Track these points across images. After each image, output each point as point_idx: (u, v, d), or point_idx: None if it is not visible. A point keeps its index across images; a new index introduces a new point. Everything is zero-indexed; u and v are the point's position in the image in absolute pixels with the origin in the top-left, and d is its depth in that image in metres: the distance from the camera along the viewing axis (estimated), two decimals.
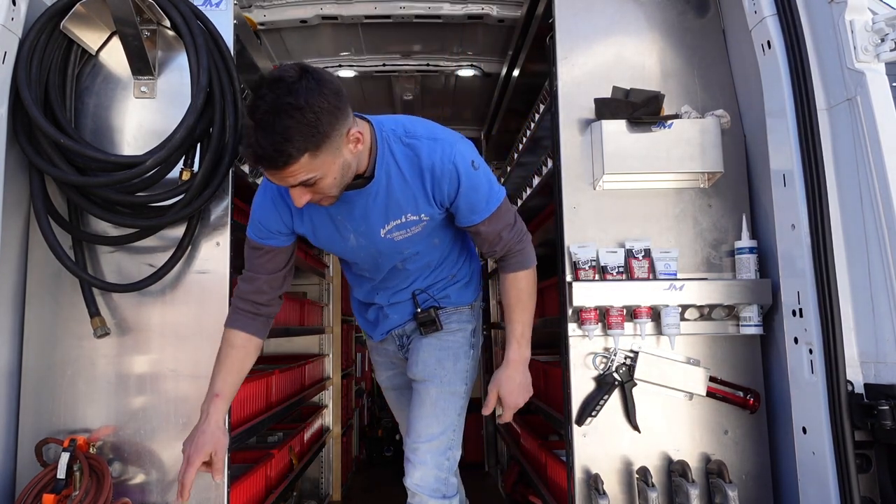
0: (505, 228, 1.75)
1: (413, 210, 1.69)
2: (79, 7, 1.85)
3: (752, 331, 2.07)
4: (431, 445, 1.81)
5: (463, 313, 1.95)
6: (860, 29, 1.82)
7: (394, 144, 1.64)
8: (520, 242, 1.79)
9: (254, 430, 2.28)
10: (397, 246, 1.77)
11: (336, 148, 1.48)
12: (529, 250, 1.82)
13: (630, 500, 2.06)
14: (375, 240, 1.74)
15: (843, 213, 1.84)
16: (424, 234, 1.77)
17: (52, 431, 1.91)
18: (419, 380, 1.88)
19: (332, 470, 4.01)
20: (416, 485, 1.78)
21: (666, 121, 2.12)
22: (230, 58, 1.98)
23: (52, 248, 1.84)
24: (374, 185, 1.64)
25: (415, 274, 1.89)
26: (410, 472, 1.80)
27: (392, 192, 1.66)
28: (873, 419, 1.68)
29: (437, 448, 1.81)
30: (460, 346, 1.92)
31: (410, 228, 1.73)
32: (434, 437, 1.82)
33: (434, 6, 3.13)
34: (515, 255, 1.79)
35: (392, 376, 2.12)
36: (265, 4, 3.15)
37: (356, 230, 1.73)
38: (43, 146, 1.80)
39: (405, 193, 1.67)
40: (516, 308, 1.85)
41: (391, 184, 1.65)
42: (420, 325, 1.89)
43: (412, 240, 1.76)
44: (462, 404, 1.91)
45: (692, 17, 2.30)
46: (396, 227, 1.72)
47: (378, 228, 1.72)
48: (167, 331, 1.97)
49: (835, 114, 1.87)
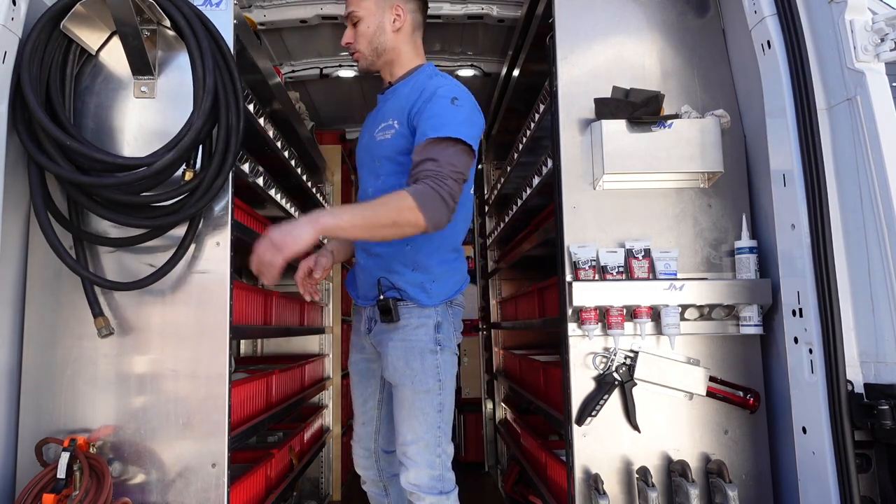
0: (433, 161, 1.70)
1: (395, 115, 1.90)
2: (79, 7, 1.84)
3: (752, 331, 2.08)
4: (419, 446, 1.85)
5: (423, 311, 1.91)
6: (860, 29, 1.82)
7: (422, 75, 1.96)
8: (434, 180, 1.67)
9: (254, 430, 2.28)
10: (377, 147, 1.94)
11: (381, 7, 1.92)
12: (433, 196, 1.66)
13: (630, 499, 2.06)
14: (372, 138, 1.98)
15: (843, 212, 1.84)
16: (390, 150, 1.89)
17: (52, 431, 1.91)
18: (394, 384, 1.92)
19: (332, 470, 4.01)
20: (412, 484, 1.86)
21: (666, 121, 2.12)
22: (231, 58, 1.98)
23: (53, 245, 1.84)
24: (391, 91, 1.99)
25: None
26: (404, 473, 1.87)
27: (395, 97, 1.95)
28: (873, 419, 1.69)
29: (424, 447, 1.85)
30: (425, 344, 1.89)
31: (386, 132, 1.92)
32: (419, 437, 1.85)
33: (434, 6, 3.13)
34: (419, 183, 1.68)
35: (358, 360, 2.11)
36: (265, 4, 3.15)
37: (368, 127, 2.05)
38: (45, 145, 1.80)
39: (397, 104, 1.92)
40: (368, 204, 1.78)
41: (395, 95, 1.96)
42: (380, 312, 1.91)
43: (381, 145, 1.93)
44: (439, 401, 1.89)
45: (692, 17, 2.30)
46: (382, 129, 1.94)
47: (375, 128, 1.97)
48: (167, 330, 1.96)
49: (835, 114, 1.87)
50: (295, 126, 3.08)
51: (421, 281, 1.91)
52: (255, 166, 2.47)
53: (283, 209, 2.91)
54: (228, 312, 1.97)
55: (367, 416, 2.11)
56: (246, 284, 2.51)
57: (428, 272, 1.92)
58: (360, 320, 2.08)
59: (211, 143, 1.95)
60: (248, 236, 2.28)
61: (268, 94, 2.71)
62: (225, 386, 1.95)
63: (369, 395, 2.11)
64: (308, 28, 3.35)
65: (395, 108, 1.91)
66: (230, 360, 1.98)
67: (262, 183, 2.57)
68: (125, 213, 1.90)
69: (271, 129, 2.72)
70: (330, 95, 4.37)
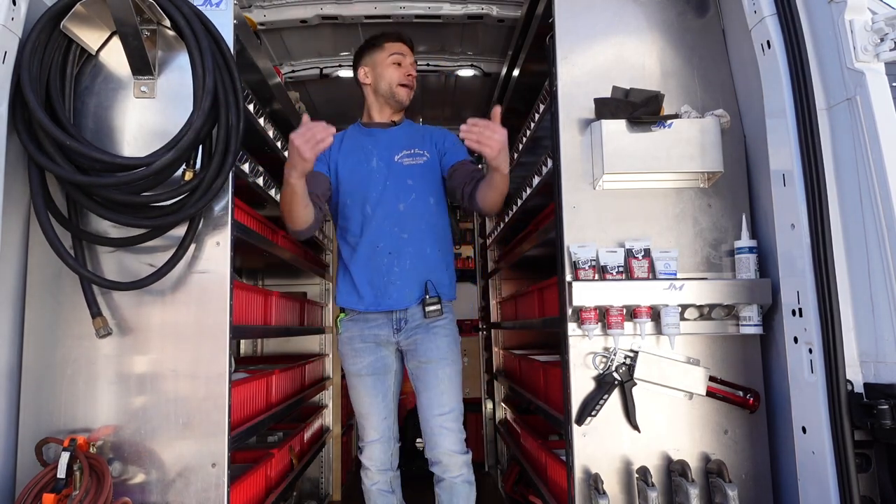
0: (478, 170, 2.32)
1: (419, 146, 2.37)
2: (79, 7, 1.85)
3: (752, 330, 2.08)
4: (454, 415, 2.24)
5: (451, 308, 2.35)
6: (860, 29, 1.82)
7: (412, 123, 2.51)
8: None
9: (254, 429, 2.28)
10: (405, 171, 2.33)
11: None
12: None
13: (630, 499, 2.06)
14: (390, 162, 2.33)
15: (842, 212, 1.84)
16: (422, 172, 2.33)
17: (52, 431, 1.91)
18: (435, 360, 2.25)
19: (332, 470, 4.01)
20: (451, 449, 2.21)
21: (666, 120, 2.12)
22: (231, 59, 1.98)
23: (53, 244, 1.84)
24: (399, 128, 2.44)
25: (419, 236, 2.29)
26: (441, 440, 2.21)
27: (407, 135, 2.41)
28: (873, 419, 1.68)
29: (457, 417, 2.25)
30: (456, 334, 2.35)
31: (416, 158, 2.35)
32: (454, 408, 2.25)
33: (434, 6, 3.13)
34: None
35: (373, 361, 2.30)
36: (265, 4, 3.15)
37: (379, 154, 2.35)
38: (45, 145, 1.81)
39: (415, 137, 2.41)
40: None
41: (407, 131, 2.43)
42: (426, 307, 2.23)
43: (413, 170, 2.33)
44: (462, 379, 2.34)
45: (692, 17, 2.30)
46: (407, 155, 2.34)
47: (394, 154, 2.34)
48: (167, 330, 1.97)
49: (834, 113, 1.87)
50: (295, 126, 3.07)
51: (451, 280, 2.35)
52: (255, 166, 2.47)
53: None
54: (228, 312, 1.97)
55: (388, 409, 2.33)
56: (246, 284, 2.51)
57: (452, 273, 2.37)
58: (376, 325, 2.30)
59: (211, 143, 1.95)
60: (248, 236, 2.28)
61: (268, 94, 2.72)
62: (225, 386, 1.95)
63: (387, 390, 2.32)
64: (308, 28, 3.35)
65: (416, 143, 2.38)
66: (230, 360, 1.98)
67: (262, 183, 2.57)
68: (125, 212, 1.91)
69: (271, 129, 2.72)
70: (330, 95, 4.37)
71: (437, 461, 2.22)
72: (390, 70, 2.38)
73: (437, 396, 2.23)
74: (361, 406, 2.32)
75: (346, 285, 2.34)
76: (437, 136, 2.41)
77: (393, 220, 2.27)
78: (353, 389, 2.34)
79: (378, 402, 2.30)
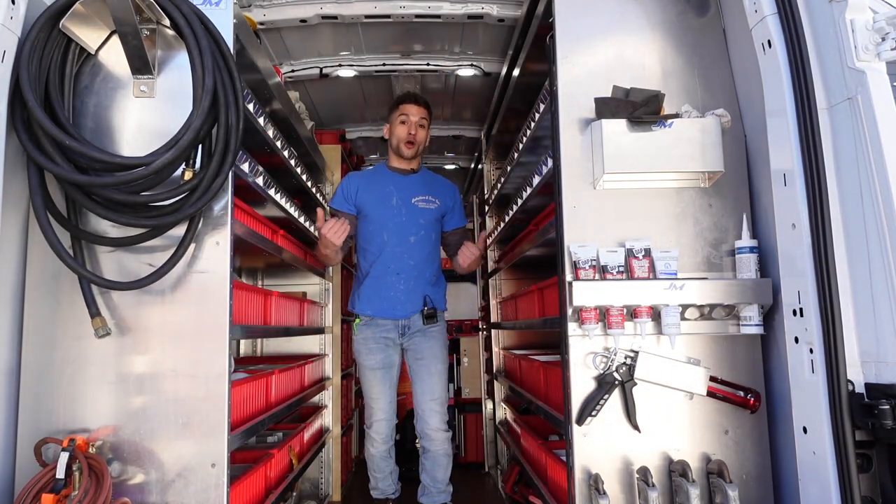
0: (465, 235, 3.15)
1: (433, 195, 3.03)
2: (78, 6, 1.84)
3: (753, 330, 2.07)
4: (441, 400, 2.96)
5: (442, 317, 3.05)
6: (861, 28, 1.82)
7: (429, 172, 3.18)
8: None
9: (253, 430, 2.28)
10: (419, 212, 2.97)
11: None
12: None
13: (630, 500, 2.06)
14: (408, 203, 2.97)
15: (843, 212, 1.84)
16: (431, 216, 3.00)
17: (51, 431, 1.90)
18: (429, 357, 2.95)
19: (331, 470, 4.00)
20: (438, 427, 2.94)
21: (666, 120, 2.12)
22: (231, 58, 1.98)
23: (52, 244, 1.84)
24: (416, 176, 3.07)
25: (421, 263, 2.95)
26: (430, 419, 2.92)
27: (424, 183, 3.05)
28: (874, 419, 1.68)
29: (443, 402, 2.97)
30: (446, 337, 3.07)
31: (428, 203, 3.01)
32: (441, 395, 2.96)
33: (434, 6, 3.13)
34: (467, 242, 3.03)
35: (385, 357, 2.95)
36: (265, 4, 3.15)
37: (398, 195, 2.97)
38: (44, 144, 1.80)
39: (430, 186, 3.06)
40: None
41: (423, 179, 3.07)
42: (426, 318, 2.94)
43: (425, 213, 2.98)
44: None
45: (692, 17, 2.30)
46: (422, 200, 3.00)
47: (411, 197, 2.98)
48: (167, 330, 1.96)
49: (835, 113, 1.87)
50: (295, 126, 3.07)
51: (443, 294, 3.07)
52: (255, 166, 2.46)
53: (283, 209, 2.90)
54: (228, 312, 1.97)
55: (393, 395, 2.99)
56: (246, 284, 2.51)
57: (443, 289, 3.08)
58: (386, 329, 2.95)
59: (210, 142, 1.95)
60: (247, 236, 2.28)
61: (267, 94, 2.71)
62: (225, 386, 1.94)
63: (393, 380, 3.00)
64: (308, 28, 3.35)
65: (432, 191, 3.03)
66: (230, 360, 1.97)
67: (262, 183, 2.56)
68: (124, 212, 1.90)
69: (271, 128, 2.72)
70: (330, 95, 4.37)
71: (425, 435, 2.96)
72: (398, 129, 3.00)
73: (429, 386, 2.94)
74: (373, 392, 2.97)
75: (363, 296, 2.97)
76: (449, 193, 3.10)
77: (404, 248, 2.92)
78: (367, 380, 2.98)
79: (386, 389, 2.97)
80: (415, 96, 3.04)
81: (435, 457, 2.95)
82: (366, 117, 4.89)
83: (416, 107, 3.00)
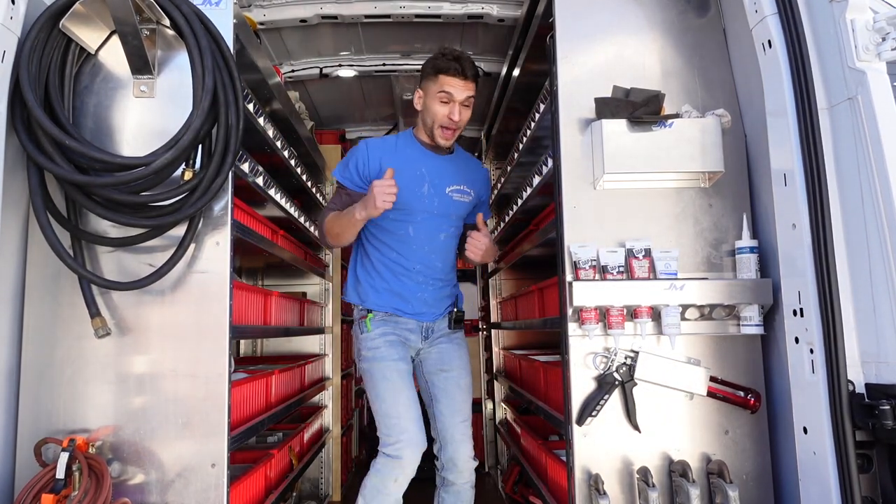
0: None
1: (468, 185, 2.47)
2: (78, 6, 1.84)
3: (753, 330, 2.07)
4: (469, 422, 2.44)
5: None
6: (861, 28, 1.82)
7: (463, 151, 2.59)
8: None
9: (253, 430, 2.28)
10: (453, 205, 2.43)
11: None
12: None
13: (630, 500, 2.06)
14: (441, 192, 2.40)
15: (843, 212, 1.84)
16: (464, 210, 2.47)
17: (51, 431, 1.90)
18: (457, 368, 2.46)
19: (331, 470, 4.00)
20: (470, 456, 2.36)
21: (666, 120, 2.12)
22: (231, 58, 1.98)
23: (52, 244, 1.84)
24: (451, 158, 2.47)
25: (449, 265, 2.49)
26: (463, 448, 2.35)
27: (459, 168, 2.47)
28: (874, 419, 1.68)
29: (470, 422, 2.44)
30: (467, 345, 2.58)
31: (463, 196, 2.45)
32: (470, 415, 2.45)
33: (434, 5, 3.13)
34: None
35: (405, 354, 2.40)
36: (265, 4, 3.15)
37: (431, 181, 2.38)
38: (44, 144, 1.80)
39: (466, 174, 2.48)
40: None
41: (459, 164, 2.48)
42: (454, 321, 2.49)
43: (459, 207, 2.45)
44: None
45: (693, 17, 2.30)
46: (456, 190, 2.43)
47: (446, 186, 2.41)
48: (167, 330, 1.96)
49: (836, 113, 1.87)
50: (295, 126, 3.07)
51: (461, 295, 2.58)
52: (255, 166, 2.46)
53: (283, 209, 2.90)
54: (228, 312, 1.97)
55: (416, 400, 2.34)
56: (245, 284, 2.51)
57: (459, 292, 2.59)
58: (408, 328, 2.42)
59: (210, 142, 1.95)
60: (247, 236, 2.28)
61: (267, 94, 2.71)
62: (224, 386, 1.94)
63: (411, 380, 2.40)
64: (308, 28, 3.35)
65: (467, 180, 2.47)
66: (230, 360, 1.97)
67: (262, 183, 2.56)
68: (124, 212, 1.90)
69: (271, 128, 2.72)
70: (330, 95, 4.37)
71: (453, 466, 2.34)
72: (437, 108, 2.30)
73: (460, 405, 2.42)
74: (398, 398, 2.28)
75: (378, 289, 2.42)
76: (483, 182, 2.59)
77: (432, 247, 2.41)
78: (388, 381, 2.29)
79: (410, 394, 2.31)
80: (462, 65, 2.26)
81: (460, 492, 2.36)
82: (366, 117, 4.90)
83: (462, 81, 2.26)
